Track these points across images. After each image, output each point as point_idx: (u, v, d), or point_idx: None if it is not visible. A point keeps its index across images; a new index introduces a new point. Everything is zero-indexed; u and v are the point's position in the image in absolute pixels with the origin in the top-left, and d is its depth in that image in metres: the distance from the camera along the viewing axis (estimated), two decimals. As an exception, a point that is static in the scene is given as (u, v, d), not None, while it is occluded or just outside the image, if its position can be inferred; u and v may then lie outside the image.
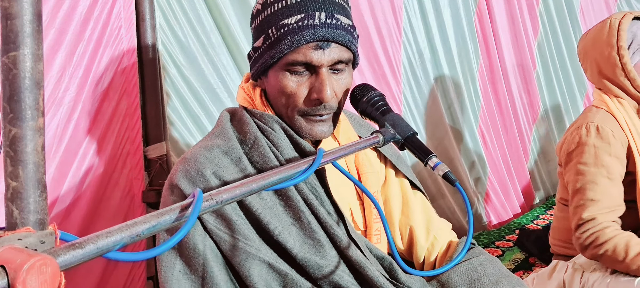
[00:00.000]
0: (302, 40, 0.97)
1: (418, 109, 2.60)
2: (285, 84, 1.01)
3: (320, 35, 0.98)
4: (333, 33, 0.99)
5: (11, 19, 0.48)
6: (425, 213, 1.24)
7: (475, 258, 1.14)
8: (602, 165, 1.62)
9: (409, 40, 2.51)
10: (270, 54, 1.01)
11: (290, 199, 1.03)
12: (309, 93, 1.02)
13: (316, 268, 1.01)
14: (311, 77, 1.02)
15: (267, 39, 1.02)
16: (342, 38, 1.00)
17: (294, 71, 1.01)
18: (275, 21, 1.00)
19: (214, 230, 0.99)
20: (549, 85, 3.41)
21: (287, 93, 1.02)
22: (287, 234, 1.01)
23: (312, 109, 1.03)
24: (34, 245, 0.48)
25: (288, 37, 0.98)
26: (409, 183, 1.25)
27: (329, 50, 0.99)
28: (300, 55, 0.99)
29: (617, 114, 1.67)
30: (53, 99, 1.47)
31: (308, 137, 1.06)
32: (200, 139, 1.82)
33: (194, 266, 0.98)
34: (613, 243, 1.54)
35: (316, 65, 1.00)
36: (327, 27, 0.98)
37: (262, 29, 1.03)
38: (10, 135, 0.49)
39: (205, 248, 0.98)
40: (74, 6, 1.49)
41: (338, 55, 1.01)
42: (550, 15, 3.37)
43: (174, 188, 1.02)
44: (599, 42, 1.69)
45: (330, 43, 0.99)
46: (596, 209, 1.59)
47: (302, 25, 0.98)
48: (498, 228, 2.88)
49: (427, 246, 1.22)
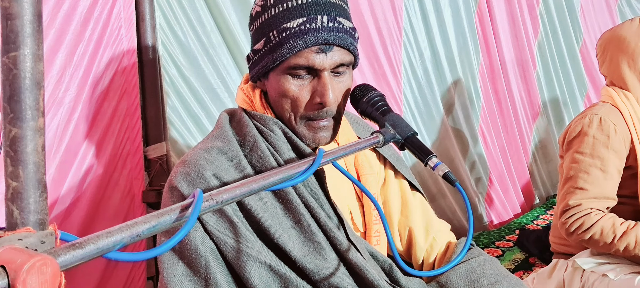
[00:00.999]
0: (305, 44, 0.97)
1: (418, 109, 2.60)
2: (287, 88, 1.01)
3: (323, 39, 0.98)
4: (335, 36, 0.99)
5: (11, 19, 0.48)
6: (424, 214, 1.25)
7: (474, 259, 1.14)
8: (597, 157, 1.64)
9: (409, 40, 2.51)
10: (272, 58, 1.01)
11: (290, 202, 1.03)
12: (312, 97, 1.02)
13: (316, 271, 1.00)
14: (313, 81, 1.01)
15: (268, 42, 1.01)
16: (344, 41, 1.00)
17: (295, 75, 1.00)
18: (276, 24, 0.99)
19: (214, 232, 0.99)
20: (549, 85, 3.41)
21: (288, 97, 1.02)
22: (287, 237, 1.01)
23: (314, 114, 1.03)
24: (34, 245, 0.48)
25: (290, 40, 0.98)
26: (408, 185, 1.25)
27: (331, 53, 0.99)
28: (303, 59, 0.98)
29: (622, 108, 1.69)
30: (53, 99, 1.47)
31: (311, 144, 1.06)
32: (200, 139, 1.82)
33: (197, 268, 0.98)
34: (599, 226, 1.58)
35: (318, 68, 0.99)
36: (330, 30, 0.98)
37: (262, 32, 1.02)
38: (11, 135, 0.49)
39: (206, 250, 0.98)
40: (74, 6, 1.49)
41: (340, 59, 1.01)
42: (551, 15, 3.37)
43: (174, 191, 1.01)
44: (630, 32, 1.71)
45: (333, 46, 0.99)
46: (583, 196, 1.62)
47: (304, 29, 0.97)
48: (498, 229, 2.88)
49: (426, 247, 1.22)
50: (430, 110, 2.65)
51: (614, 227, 1.58)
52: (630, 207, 1.71)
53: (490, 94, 2.95)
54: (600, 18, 3.87)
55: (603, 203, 1.63)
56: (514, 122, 3.08)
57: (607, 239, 1.58)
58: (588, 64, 3.70)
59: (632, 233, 1.57)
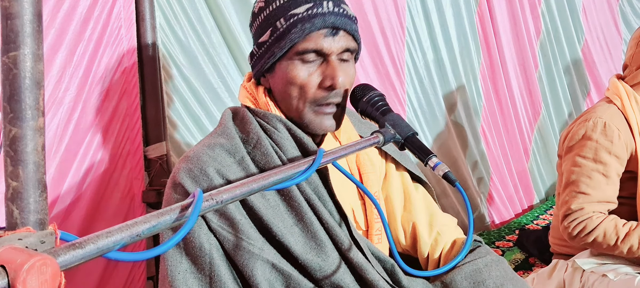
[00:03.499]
0: (313, 27, 0.99)
1: (422, 108, 2.60)
2: (295, 74, 1.02)
3: (330, 22, 1.00)
4: (342, 21, 1.01)
5: (11, 18, 0.48)
6: (428, 208, 1.24)
7: (481, 259, 1.12)
8: (600, 162, 1.63)
9: (412, 39, 2.51)
10: (280, 45, 1.01)
11: (293, 200, 1.03)
12: (321, 81, 1.02)
13: (318, 269, 1.00)
14: (321, 66, 1.03)
15: (275, 31, 1.02)
16: (349, 27, 1.03)
17: (304, 60, 1.02)
18: (283, 13, 1.01)
19: (217, 230, 0.99)
20: (551, 84, 3.41)
21: (298, 83, 1.02)
22: (290, 235, 1.01)
23: (322, 97, 1.03)
24: (34, 245, 0.48)
25: (298, 25, 0.99)
26: (410, 177, 1.24)
27: (338, 38, 1.01)
28: (311, 42, 1.00)
29: (629, 114, 1.67)
30: (53, 99, 1.47)
31: (317, 130, 1.06)
32: (200, 138, 1.81)
33: (201, 265, 0.98)
34: (602, 229, 1.58)
35: (326, 52, 1.01)
36: (336, 15, 1.00)
37: (268, 23, 1.03)
38: (11, 135, 0.49)
39: (211, 247, 0.98)
40: (74, 6, 1.49)
41: (346, 44, 1.03)
42: (552, 14, 3.37)
43: (177, 187, 1.01)
44: None
45: (339, 31, 1.01)
46: (585, 201, 1.62)
47: (311, 13, 0.99)
48: (498, 229, 2.88)
49: (430, 242, 1.21)
50: (433, 110, 2.65)
51: (617, 229, 1.58)
52: (629, 208, 1.71)
53: (491, 93, 2.95)
54: (601, 18, 3.87)
55: (604, 207, 1.63)
56: (514, 121, 3.08)
57: (610, 241, 1.58)
58: (590, 64, 3.70)
59: (634, 235, 1.57)
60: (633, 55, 1.74)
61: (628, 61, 1.78)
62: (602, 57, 3.79)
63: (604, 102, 1.76)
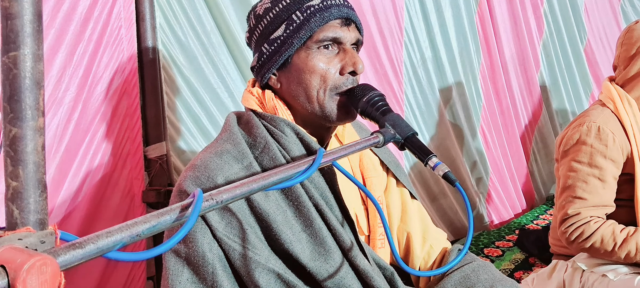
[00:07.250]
0: (331, 16, 1.03)
1: (420, 109, 2.60)
2: (316, 62, 1.04)
3: (345, 13, 1.05)
4: (353, 14, 1.08)
5: (11, 18, 0.48)
6: (422, 222, 1.25)
7: (468, 265, 1.14)
8: (595, 166, 1.63)
9: (410, 40, 2.51)
10: (299, 35, 1.04)
11: (301, 205, 1.02)
12: (342, 68, 1.06)
13: (325, 275, 1.00)
14: (338, 55, 1.06)
15: (290, 24, 1.04)
16: (358, 21, 1.10)
17: (324, 48, 1.05)
18: (298, 6, 1.05)
19: (223, 239, 0.98)
20: (554, 84, 3.41)
21: (318, 72, 1.04)
22: (297, 242, 1.00)
23: (343, 83, 1.06)
24: (34, 245, 0.48)
25: (317, 14, 1.03)
26: (408, 193, 1.25)
27: (351, 28, 1.07)
28: (330, 31, 1.04)
29: (624, 117, 1.67)
30: (53, 99, 1.47)
31: (337, 122, 1.08)
32: (200, 138, 1.83)
33: (203, 275, 0.97)
34: (599, 234, 1.58)
35: (343, 41, 1.06)
36: (347, 7, 1.07)
37: (282, 18, 1.05)
38: (11, 135, 0.49)
39: (214, 257, 0.97)
40: (74, 6, 1.49)
41: (356, 36, 1.08)
42: (555, 14, 3.37)
43: (183, 195, 1.00)
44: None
45: (351, 23, 1.07)
46: (581, 205, 1.62)
47: (327, 4, 1.04)
48: (498, 228, 2.88)
49: (422, 255, 1.22)
50: (432, 110, 2.65)
51: (614, 235, 1.57)
52: (627, 210, 1.70)
53: (491, 93, 2.95)
54: (603, 18, 3.87)
55: (601, 211, 1.63)
56: (514, 121, 3.08)
57: (607, 247, 1.58)
58: (592, 64, 3.70)
59: (632, 241, 1.56)
60: (619, 55, 1.75)
61: (616, 62, 1.78)
62: (604, 57, 3.79)
63: (598, 105, 1.75)
